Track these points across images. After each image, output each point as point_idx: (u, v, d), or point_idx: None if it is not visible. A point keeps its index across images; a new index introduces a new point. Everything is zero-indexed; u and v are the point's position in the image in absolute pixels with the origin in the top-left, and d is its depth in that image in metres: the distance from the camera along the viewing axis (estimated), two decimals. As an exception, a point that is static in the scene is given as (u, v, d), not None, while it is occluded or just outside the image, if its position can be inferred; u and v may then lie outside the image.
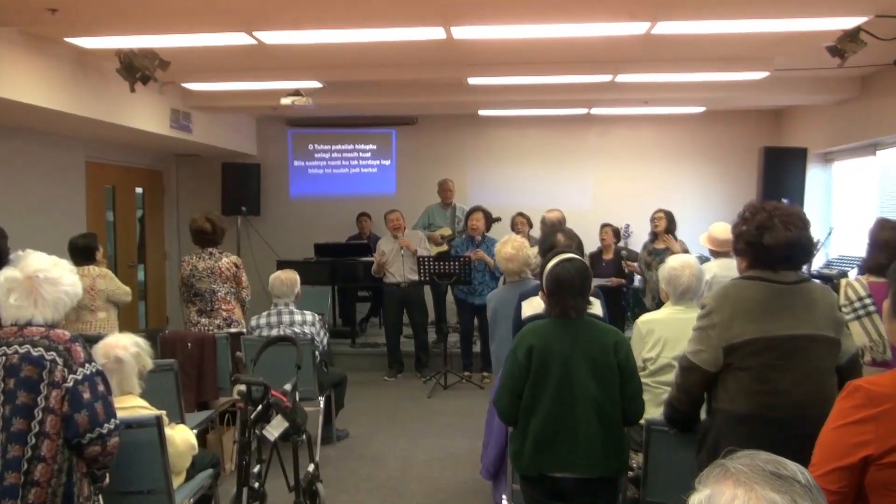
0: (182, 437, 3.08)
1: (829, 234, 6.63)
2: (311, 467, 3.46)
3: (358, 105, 7.27)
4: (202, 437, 4.13)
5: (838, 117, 6.74)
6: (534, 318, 3.02)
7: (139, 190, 8.19)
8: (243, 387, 3.05)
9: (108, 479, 2.54)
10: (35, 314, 2.34)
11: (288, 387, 3.15)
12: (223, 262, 4.94)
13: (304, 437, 3.24)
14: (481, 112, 8.02)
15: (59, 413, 2.27)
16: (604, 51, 5.16)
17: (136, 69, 4.42)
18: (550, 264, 2.68)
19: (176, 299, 7.05)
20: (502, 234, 6.71)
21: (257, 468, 3.13)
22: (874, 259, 3.36)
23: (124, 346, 2.90)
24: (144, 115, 6.09)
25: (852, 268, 5.55)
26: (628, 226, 7.67)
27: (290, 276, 4.85)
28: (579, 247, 3.34)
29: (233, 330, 4.87)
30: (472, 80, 5.99)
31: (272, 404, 2.99)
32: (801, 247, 2.24)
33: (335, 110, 7.88)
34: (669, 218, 6.03)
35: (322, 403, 4.74)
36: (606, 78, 5.82)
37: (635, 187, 8.26)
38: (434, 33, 4.36)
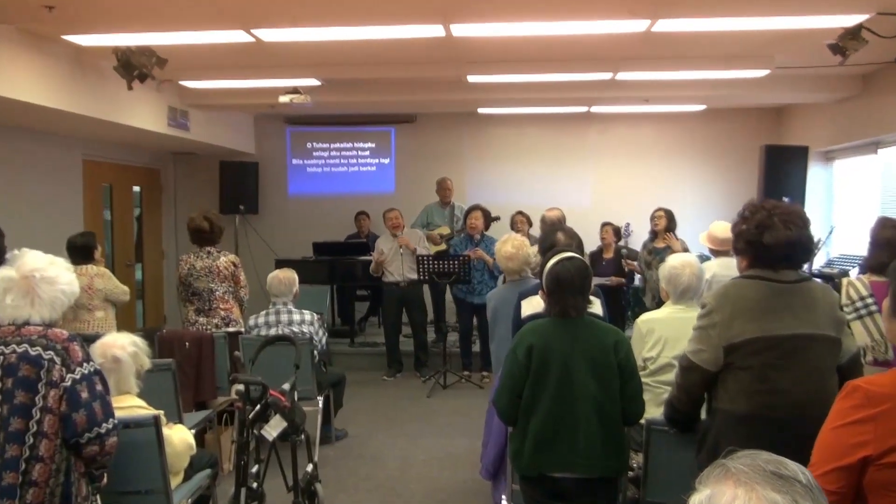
0: (180, 436, 3.08)
1: (831, 232, 6.62)
2: (309, 467, 3.45)
3: (356, 103, 7.25)
4: (200, 436, 4.13)
5: (839, 115, 6.73)
6: (533, 317, 3.01)
7: (137, 188, 8.18)
8: (241, 386, 3.05)
9: (106, 479, 2.53)
10: (32, 314, 2.32)
11: (286, 386, 3.15)
12: (221, 261, 4.93)
13: (302, 436, 3.22)
14: (481, 110, 8.00)
15: (58, 412, 2.26)
16: (604, 48, 5.15)
17: (134, 67, 4.41)
18: (550, 263, 2.67)
19: (174, 298, 7.04)
20: (501, 233, 6.69)
21: (256, 468, 3.13)
22: (875, 258, 3.35)
23: (122, 345, 2.89)
24: (142, 113, 6.07)
25: (853, 267, 5.54)
26: (628, 224, 7.66)
27: (289, 276, 4.83)
28: (579, 246, 3.32)
29: (231, 329, 4.86)
30: (472, 78, 5.97)
31: (270, 404, 2.98)
32: (802, 246, 2.23)
33: (334, 108, 7.86)
34: (669, 217, 6.01)
35: (321, 403, 4.73)
36: (607, 76, 5.81)
37: (635, 186, 8.24)
38: (433, 31, 4.35)
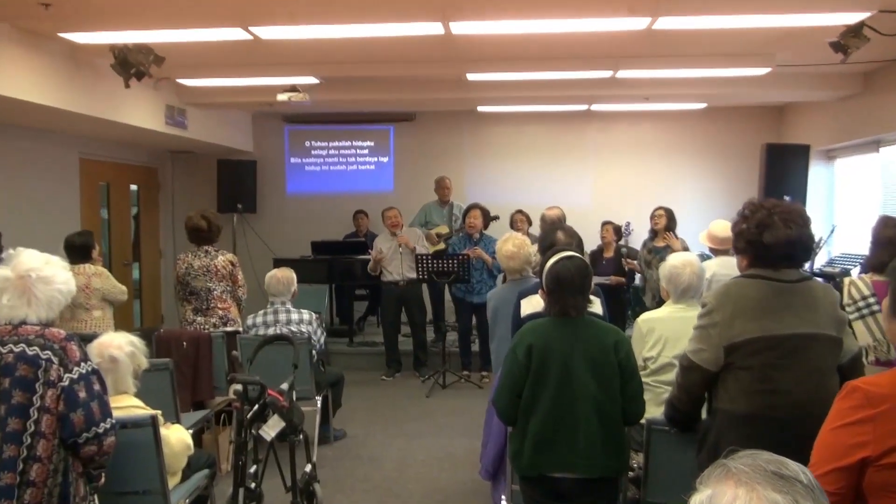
0: (177, 437, 3.07)
1: (832, 231, 6.60)
2: (308, 467, 3.44)
3: (355, 101, 7.22)
4: (198, 436, 4.12)
5: (841, 114, 6.71)
6: (533, 316, 3.00)
7: (134, 187, 8.15)
8: (239, 386, 3.03)
9: (104, 479, 2.52)
10: (29, 314, 2.31)
11: (285, 386, 3.14)
12: (219, 260, 4.91)
13: (300, 436, 3.21)
14: (480, 108, 7.98)
15: (55, 412, 2.25)
16: (604, 46, 5.13)
17: (131, 65, 4.40)
18: (550, 262, 2.66)
19: (171, 298, 7.03)
20: (501, 233, 6.67)
21: (254, 468, 3.12)
22: (877, 257, 3.34)
23: (119, 345, 2.88)
24: (139, 111, 6.05)
25: (855, 266, 5.53)
26: (629, 223, 7.64)
27: (287, 275, 4.82)
28: (579, 245, 3.31)
29: (229, 329, 4.85)
30: (471, 76, 5.96)
31: (269, 404, 2.97)
32: (802, 245, 2.23)
33: (332, 106, 7.85)
34: (670, 215, 5.98)
35: (319, 403, 4.71)
36: (607, 74, 5.80)
37: (636, 184, 8.23)
38: (432, 28, 4.34)
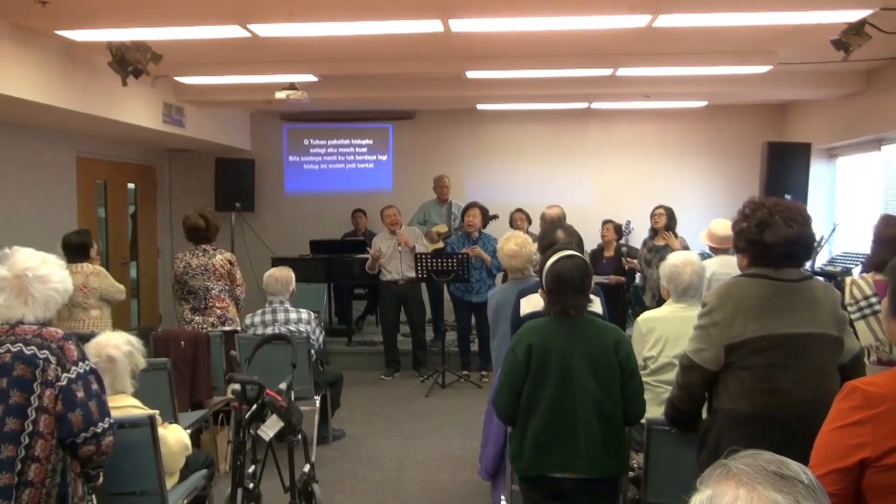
0: (175, 437, 3.07)
1: (833, 230, 6.58)
2: (306, 468, 3.43)
3: (354, 99, 7.20)
4: (196, 437, 4.10)
5: (843, 112, 6.70)
6: (532, 315, 2.99)
7: (131, 185, 8.13)
8: (238, 386, 3.02)
9: (102, 479, 2.52)
10: (26, 313, 2.30)
11: (283, 386, 3.14)
12: (217, 259, 4.90)
13: (299, 437, 3.21)
14: (480, 106, 7.96)
15: (53, 412, 2.24)
16: (604, 44, 5.12)
17: (128, 62, 4.39)
18: (550, 261, 2.65)
19: (169, 297, 7.00)
20: (500, 231, 6.64)
21: (252, 469, 3.12)
22: (879, 256, 3.33)
23: (116, 344, 2.88)
24: (136, 109, 6.03)
25: (856, 265, 5.51)
26: (629, 222, 7.62)
27: (285, 274, 4.81)
28: (579, 244, 3.30)
29: (227, 328, 4.84)
30: (471, 74, 5.95)
31: (267, 403, 2.97)
32: (803, 244, 2.23)
33: (331, 104, 7.83)
34: (670, 214, 5.96)
35: (318, 403, 4.70)
36: (607, 72, 5.79)
37: (636, 183, 8.20)
38: (432, 26, 4.33)
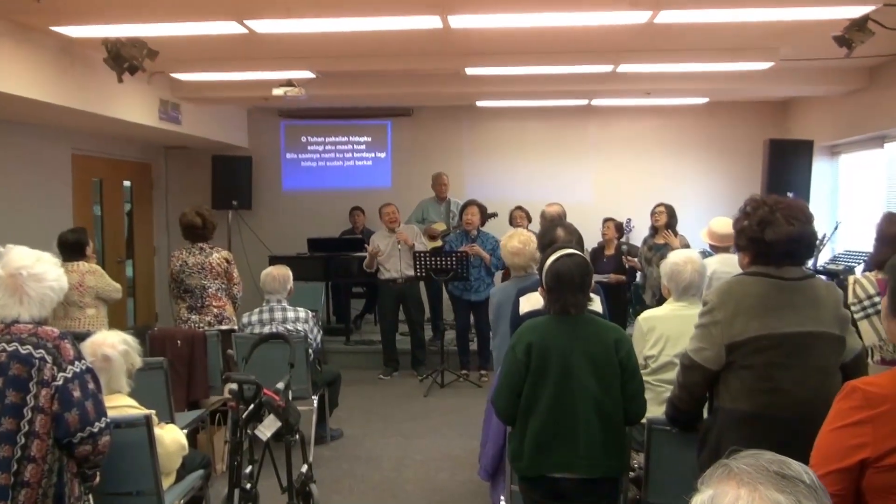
0: (172, 437, 3.06)
1: (836, 228, 6.57)
2: (304, 468, 3.44)
3: (352, 96, 7.18)
4: (192, 437, 4.09)
5: (845, 109, 6.68)
6: (532, 314, 2.99)
7: (127, 183, 8.09)
8: (235, 385, 3.02)
9: (98, 479, 2.51)
10: (21, 312, 2.30)
11: (281, 385, 3.13)
12: (214, 257, 4.88)
13: (297, 436, 3.21)
14: (479, 103, 7.94)
15: (49, 412, 2.24)
16: (605, 40, 5.10)
17: (124, 59, 4.38)
18: (550, 260, 2.65)
19: (165, 296, 6.98)
20: (499, 229, 6.62)
21: (249, 469, 3.12)
22: (882, 254, 3.31)
23: (112, 343, 2.87)
24: (132, 106, 6.00)
25: (859, 263, 5.49)
26: (630, 220, 7.61)
27: (283, 272, 4.80)
28: (579, 242, 3.30)
29: (224, 327, 4.82)
30: (470, 71, 5.93)
31: (264, 403, 2.97)
32: (804, 242, 2.22)
33: (329, 101, 7.80)
34: (670, 212, 5.93)
35: (316, 402, 4.69)
36: (607, 68, 5.76)
37: (637, 180, 8.17)
38: (430, 22, 4.31)
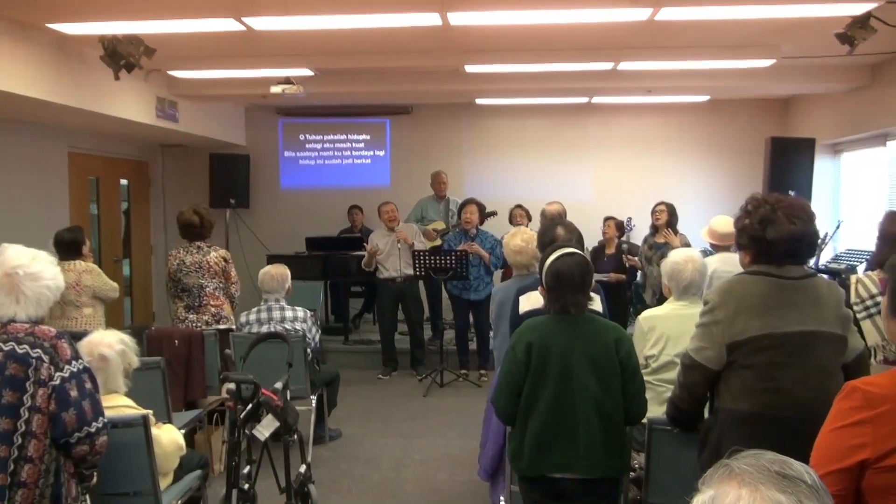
0: (169, 437, 3.06)
1: (837, 227, 6.55)
2: (302, 468, 3.43)
3: (351, 94, 7.16)
4: (190, 437, 4.10)
5: (847, 107, 6.66)
6: (531, 313, 2.98)
7: (124, 181, 8.07)
8: (233, 385, 3.02)
9: (96, 479, 2.51)
10: (17, 311, 2.28)
11: (279, 385, 3.13)
12: (211, 256, 4.87)
13: (295, 436, 3.21)
14: (479, 101, 7.92)
15: (46, 412, 2.23)
16: (605, 38, 5.09)
17: (121, 56, 4.38)
18: (550, 259, 2.64)
19: (163, 295, 6.97)
20: (499, 228, 6.60)
21: (247, 469, 3.11)
22: (884, 253, 3.29)
23: (109, 343, 2.87)
24: (129, 103, 5.97)
25: (860, 262, 5.47)
26: (630, 219, 7.59)
27: (281, 271, 4.79)
28: (579, 241, 3.29)
29: (221, 326, 4.81)
30: (469, 68, 5.91)
31: (262, 403, 2.96)
32: (806, 241, 2.21)
33: (327, 99, 7.77)
34: (671, 211, 5.92)
35: (314, 402, 4.68)
36: (608, 66, 5.75)
37: (638, 179, 8.15)
38: (430, 19, 4.30)
